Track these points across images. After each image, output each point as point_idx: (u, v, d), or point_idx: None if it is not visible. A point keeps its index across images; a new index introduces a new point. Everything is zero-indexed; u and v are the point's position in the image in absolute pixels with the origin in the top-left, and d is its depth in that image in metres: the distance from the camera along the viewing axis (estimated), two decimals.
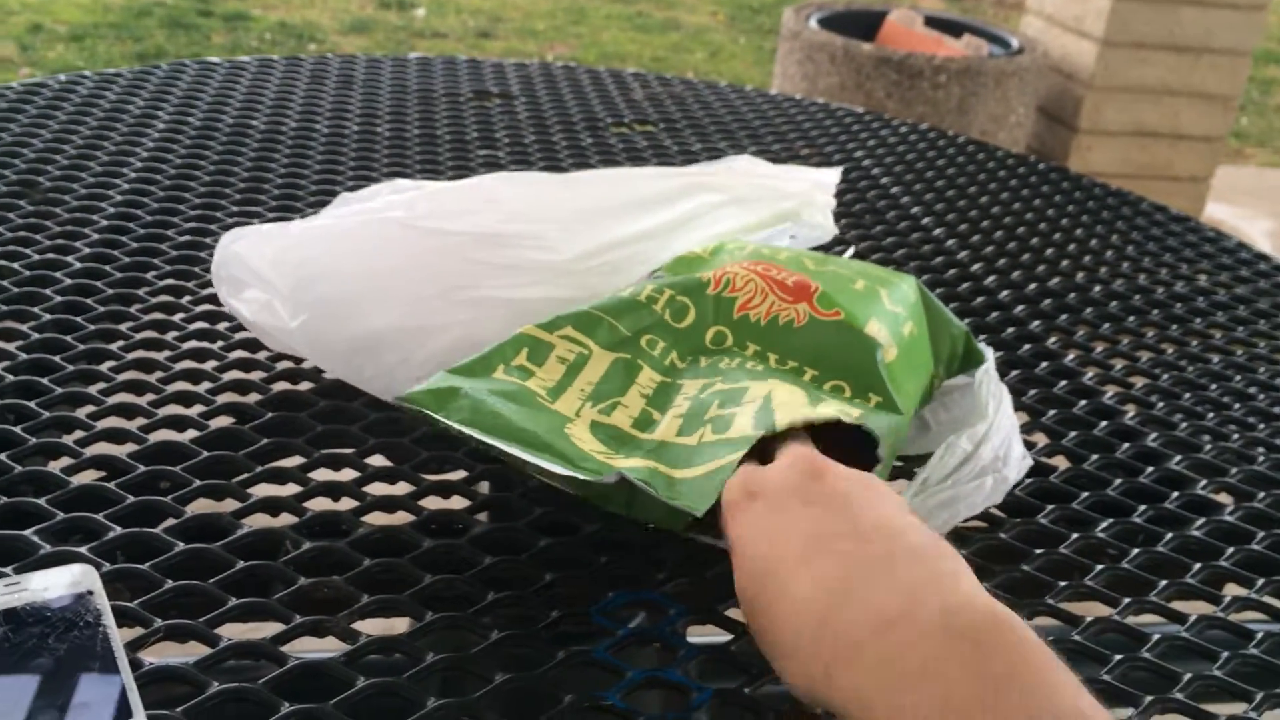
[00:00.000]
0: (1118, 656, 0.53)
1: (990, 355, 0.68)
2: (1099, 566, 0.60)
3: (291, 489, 0.59)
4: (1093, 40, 2.90)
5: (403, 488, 0.60)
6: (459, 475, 0.62)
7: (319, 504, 0.58)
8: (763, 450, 0.50)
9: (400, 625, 0.52)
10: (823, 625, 0.40)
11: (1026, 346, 0.82)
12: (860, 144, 1.24)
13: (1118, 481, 0.68)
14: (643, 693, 0.48)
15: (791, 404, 0.52)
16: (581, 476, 0.48)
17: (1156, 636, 0.56)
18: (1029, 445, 0.68)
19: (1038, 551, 0.60)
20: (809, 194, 0.72)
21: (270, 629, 0.50)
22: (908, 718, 0.36)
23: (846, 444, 0.52)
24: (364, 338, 0.60)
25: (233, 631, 0.50)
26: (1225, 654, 0.55)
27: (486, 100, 1.25)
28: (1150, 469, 0.70)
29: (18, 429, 0.60)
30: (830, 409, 0.52)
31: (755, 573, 0.44)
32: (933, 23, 2.99)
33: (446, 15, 4.95)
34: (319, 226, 0.66)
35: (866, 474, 0.47)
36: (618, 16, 5.19)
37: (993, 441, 0.58)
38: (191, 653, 0.48)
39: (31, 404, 0.62)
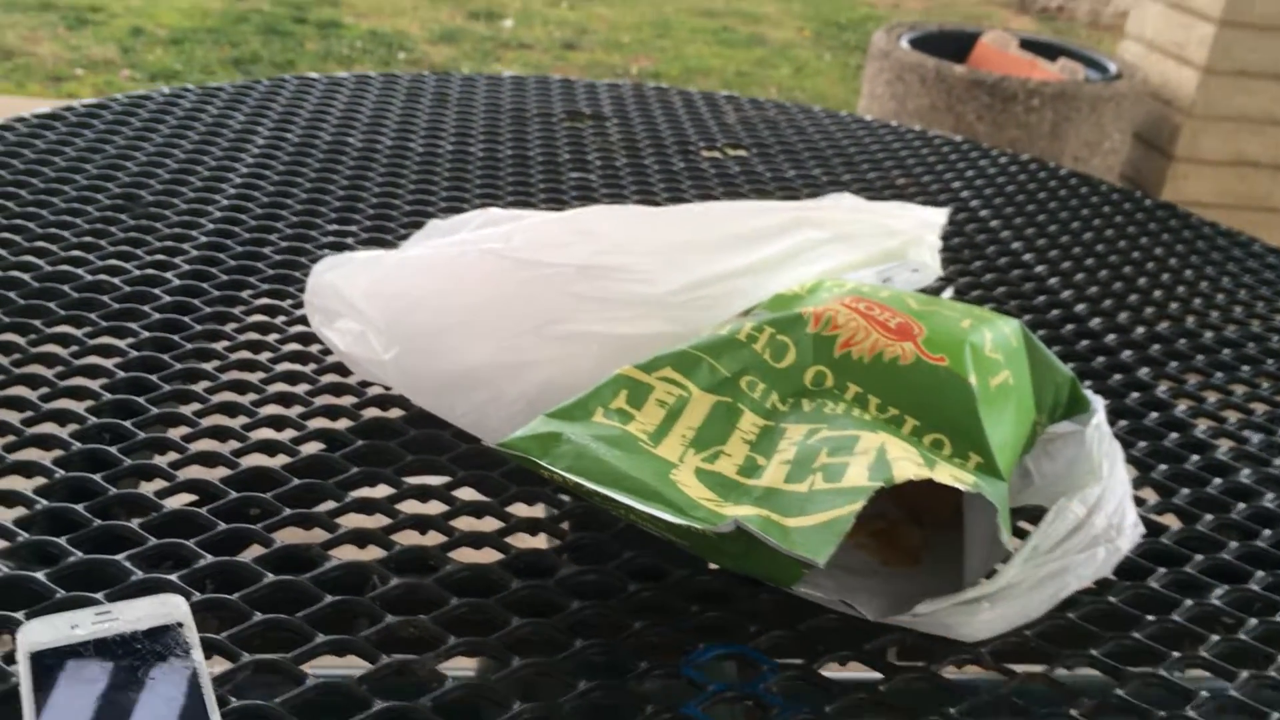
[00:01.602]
0: None
1: (1099, 405, 0.65)
2: (1214, 637, 0.57)
3: (379, 520, 0.58)
4: (1194, 67, 2.81)
5: (490, 523, 0.59)
6: (547, 512, 0.61)
7: (407, 538, 0.57)
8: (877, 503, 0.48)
9: (485, 664, 0.51)
10: None
11: (1134, 395, 0.79)
12: (958, 174, 1.21)
13: (1233, 544, 0.65)
14: None
15: (907, 460, 0.50)
16: (696, 526, 0.47)
17: (1276, 717, 0.52)
18: (1138, 501, 0.65)
19: (1149, 618, 0.57)
20: (915, 233, 0.70)
21: (355, 666, 0.49)
22: None
23: (936, 493, 0.51)
24: (456, 373, 0.60)
25: (318, 666, 0.49)
26: None
27: (579, 121, 1.24)
28: (1268, 531, 0.66)
29: (113, 449, 0.61)
30: (945, 474, 0.50)
31: None
32: (1028, 45, 2.93)
33: (533, 26, 4.99)
34: (414, 257, 0.65)
35: None
36: (703, 30, 5.19)
37: (1106, 508, 0.55)
38: (277, 690, 0.47)
39: (128, 424, 0.63)
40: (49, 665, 0.45)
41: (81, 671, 0.45)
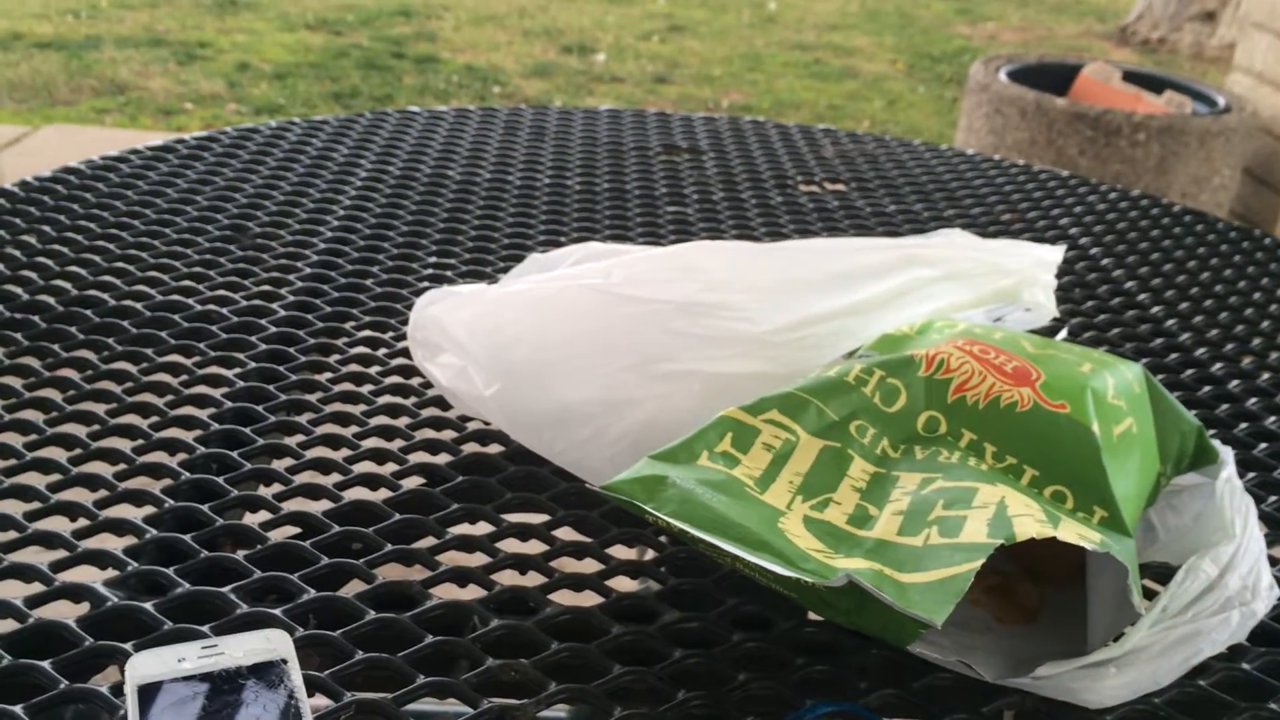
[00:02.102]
0: None
1: (1228, 456, 0.61)
2: None
3: (480, 559, 0.57)
4: None
5: (590, 565, 0.58)
6: (643, 554, 0.60)
7: (507, 577, 0.57)
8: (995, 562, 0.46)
9: (585, 713, 0.50)
10: None
11: (1263, 445, 0.75)
12: (1065, 210, 1.18)
13: None
14: None
15: (1029, 517, 0.48)
16: (806, 579, 0.45)
17: None
18: (1271, 561, 0.61)
19: None
20: (1030, 272, 0.67)
21: (455, 709, 0.48)
22: None
23: (1054, 549, 0.48)
24: (557, 410, 0.59)
25: (419, 707, 0.49)
26: None
27: (675, 155, 1.24)
28: None
29: (220, 479, 0.61)
30: (1070, 532, 0.47)
31: None
32: (1131, 77, 2.86)
33: (625, 60, 5.04)
34: (515, 292, 0.65)
35: None
36: (794, 64, 5.18)
37: (1240, 568, 0.52)
38: None
39: (234, 454, 0.63)
40: (155, 698, 0.45)
41: (187, 705, 0.45)
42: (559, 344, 0.62)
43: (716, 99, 4.56)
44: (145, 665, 0.46)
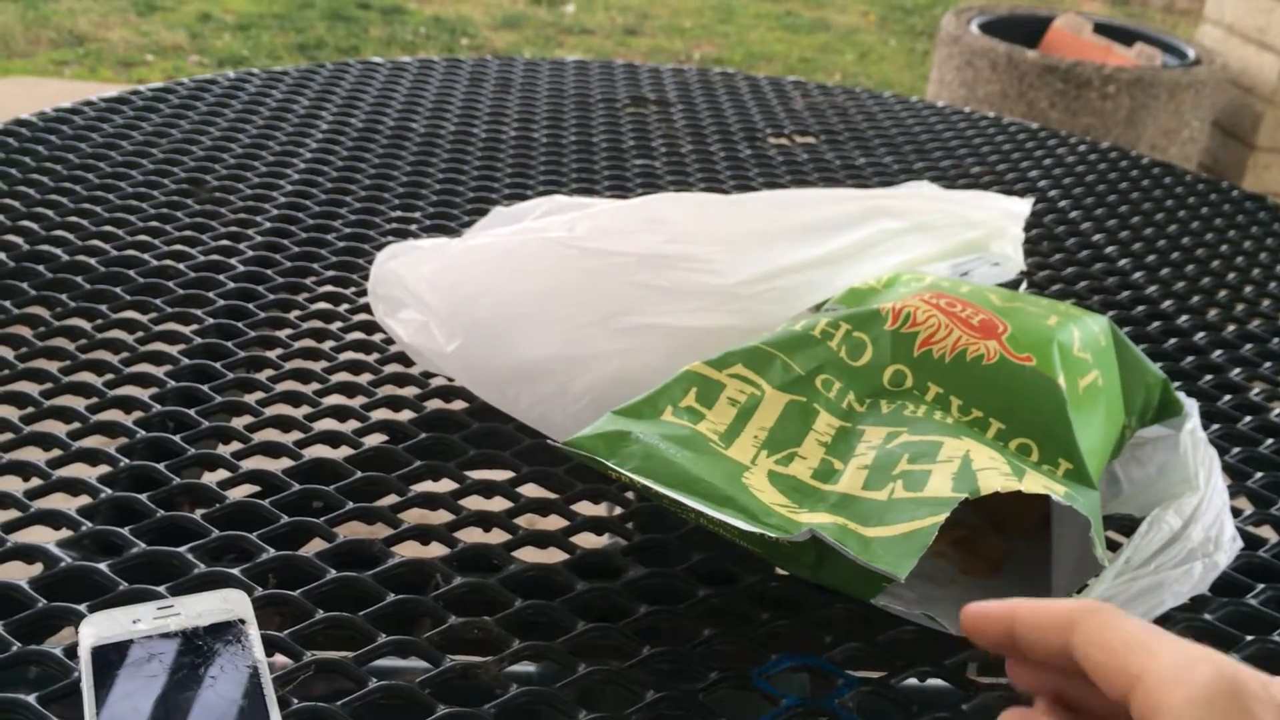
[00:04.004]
0: None
1: (1193, 408, 0.61)
2: None
3: (443, 516, 0.57)
4: (1276, 53, 2.72)
5: (555, 521, 0.58)
6: (610, 511, 0.60)
7: (470, 535, 0.56)
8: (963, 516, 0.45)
9: (549, 670, 0.49)
10: None
11: (1227, 397, 0.75)
12: (1035, 162, 1.17)
13: None
14: None
15: (993, 470, 0.47)
16: (769, 534, 0.45)
17: None
18: (1233, 512, 0.61)
19: (1248, 638, 0.54)
20: (997, 224, 0.67)
21: (417, 668, 0.48)
22: None
23: (1019, 500, 0.48)
24: (520, 366, 0.58)
25: (381, 665, 0.48)
26: None
27: (643, 107, 1.22)
28: None
29: (177, 438, 0.60)
30: (1035, 483, 0.47)
31: None
32: (1102, 30, 2.85)
33: (595, 11, 4.97)
34: (477, 246, 0.64)
35: None
36: (766, 15, 5.13)
37: (1204, 520, 0.52)
38: (339, 690, 0.46)
39: (191, 412, 0.62)
40: (110, 660, 0.44)
41: (142, 667, 0.44)
42: (521, 299, 0.61)
43: (688, 51, 4.52)
44: (99, 627, 0.46)
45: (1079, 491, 0.50)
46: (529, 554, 0.55)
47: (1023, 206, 0.70)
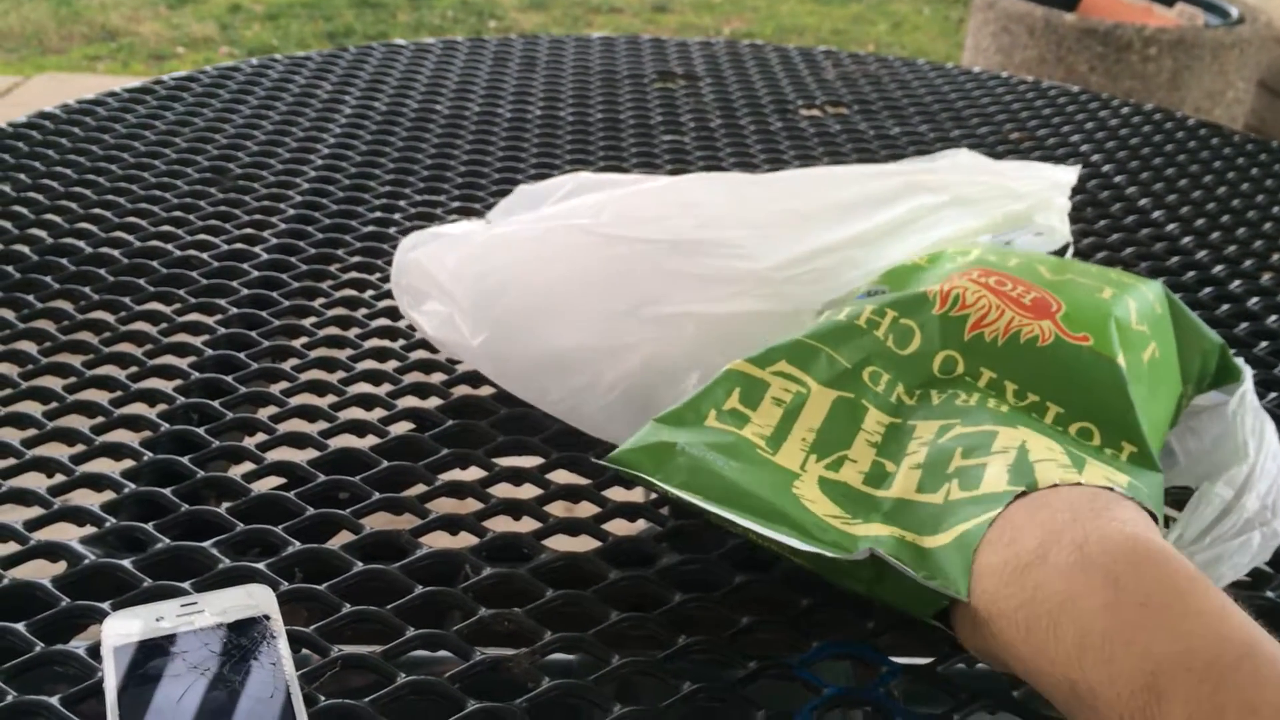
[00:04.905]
0: None
1: (1248, 374, 0.59)
2: None
3: (471, 505, 0.55)
4: None
5: (586, 508, 0.56)
6: (646, 498, 0.58)
7: (499, 523, 0.55)
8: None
9: (582, 661, 0.48)
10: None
11: None
12: (1077, 126, 1.14)
13: None
14: None
15: (1051, 462, 0.45)
16: (828, 554, 0.42)
17: None
18: None
19: None
20: (1043, 195, 0.64)
21: (447, 662, 0.46)
22: (1048, 657, 0.36)
23: None
24: (549, 358, 0.56)
25: (410, 661, 0.47)
26: None
27: (671, 82, 1.20)
28: None
29: (201, 430, 0.59)
30: (1096, 475, 0.44)
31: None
32: None
33: None
34: (501, 235, 0.62)
35: (1131, 545, 0.39)
36: None
37: (1258, 488, 0.50)
38: (367, 686, 0.45)
39: (215, 404, 0.61)
40: (133, 659, 0.43)
41: (166, 666, 0.43)
42: (548, 289, 0.59)
43: (717, 27, 4.47)
44: (122, 625, 0.45)
45: (1142, 477, 0.47)
46: (560, 542, 0.54)
47: (1069, 175, 0.67)
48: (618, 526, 0.55)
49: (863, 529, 0.44)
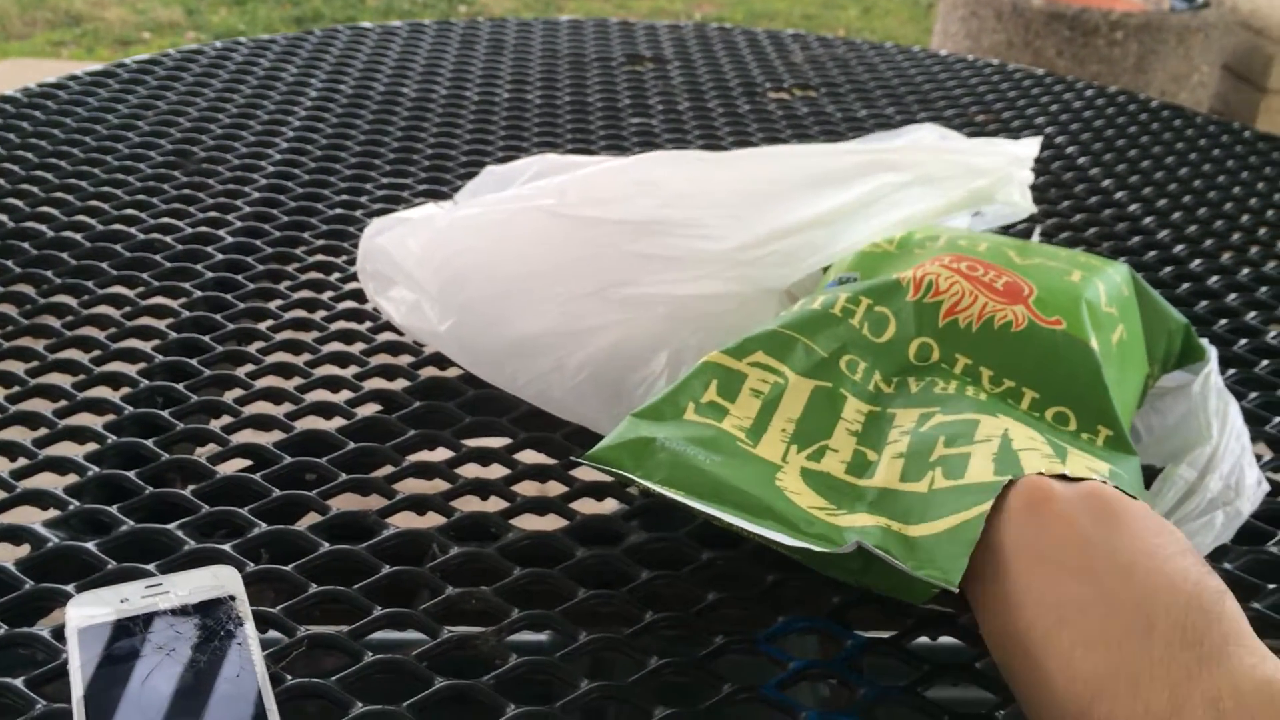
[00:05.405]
0: None
1: (1213, 354, 0.60)
2: None
3: (438, 485, 0.55)
4: None
5: (554, 488, 0.56)
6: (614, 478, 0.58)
7: (467, 503, 0.55)
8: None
9: (549, 639, 0.48)
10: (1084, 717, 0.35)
11: (1243, 342, 0.73)
12: (1041, 109, 1.15)
13: None
14: None
15: (1034, 451, 0.45)
16: (815, 549, 0.42)
17: None
18: (1257, 458, 0.59)
19: (1270, 586, 0.52)
20: (1005, 170, 0.64)
21: (414, 640, 0.46)
22: None
23: None
24: (516, 342, 0.56)
25: (377, 639, 0.47)
26: None
27: (639, 65, 1.20)
28: None
29: (166, 413, 0.59)
30: (1079, 465, 0.44)
31: (1003, 644, 0.40)
32: None
33: None
34: (466, 217, 0.62)
35: (1102, 494, 0.40)
36: None
37: (1221, 468, 0.51)
38: (334, 665, 0.45)
39: (180, 386, 0.61)
40: (98, 640, 0.43)
41: (130, 647, 0.43)
42: (514, 273, 0.59)
43: (688, 11, 4.46)
44: (86, 607, 0.44)
45: (1121, 463, 0.47)
46: (528, 521, 0.54)
47: (1030, 149, 0.68)
48: (586, 505, 0.55)
49: (848, 519, 0.44)
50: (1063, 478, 0.42)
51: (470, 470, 0.57)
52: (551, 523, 0.54)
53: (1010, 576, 0.39)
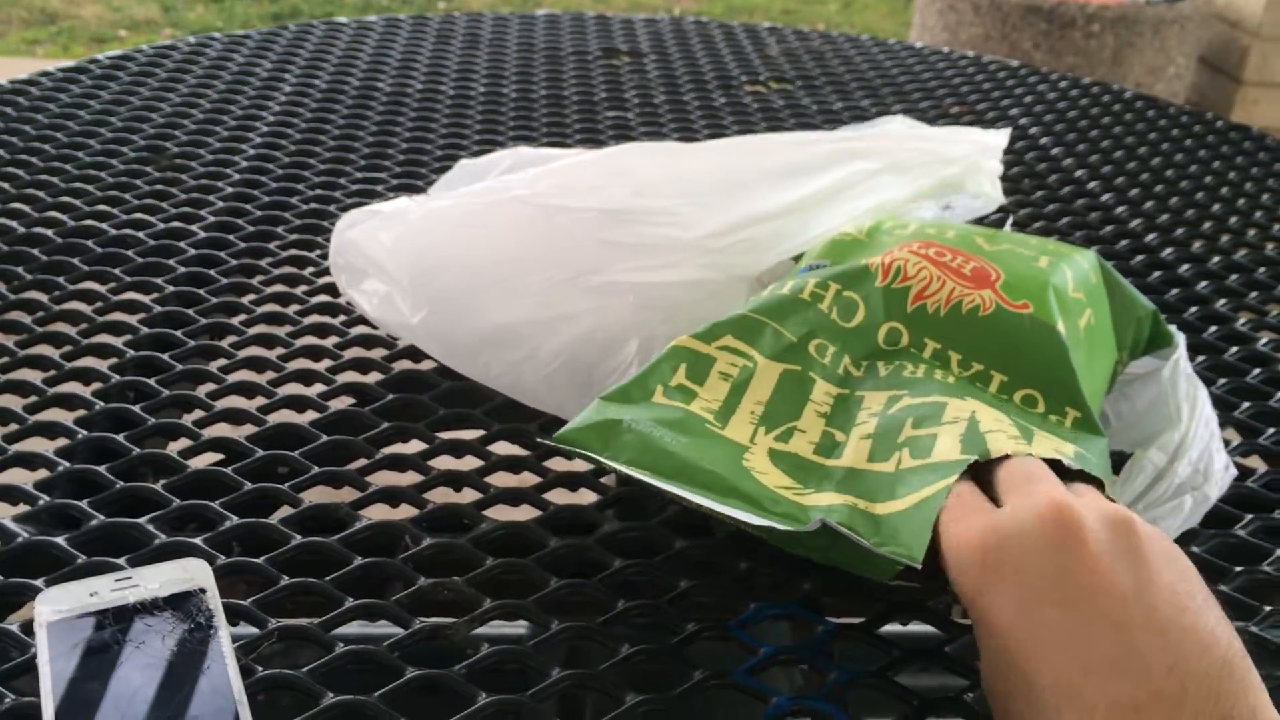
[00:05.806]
0: None
1: (1181, 341, 0.60)
2: None
3: (412, 478, 0.55)
4: None
5: (527, 479, 0.56)
6: (587, 468, 0.58)
7: (440, 495, 0.55)
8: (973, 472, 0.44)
9: (522, 628, 0.48)
10: None
11: (1213, 329, 0.74)
12: (1016, 100, 1.15)
13: None
14: None
15: (1001, 433, 0.45)
16: (780, 527, 0.43)
17: None
18: (1224, 444, 0.60)
19: (1237, 569, 0.53)
20: (974, 159, 0.65)
21: (386, 632, 0.46)
22: None
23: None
24: (489, 333, 0.56)
25: (349, 631, 0.47)
26: None
27: (615, 59, 1.20)
28: None
29: (137, 408, 0.58)
30: (1045, 446, 0.45)
31: (1001, 668, 0.38)
32: None
33: None
34: (438, 209, 0.62)
35: (1131, 528, 0.38)
36: None
37: (1190, 453, 0.51)
38: (305, 657, 0.45)
39: (152, 381, 0.61)
40: (67, 634, 0.43)
41: (99, 640, 0.43)
42: (486, 263, 0.59)
43: (668, 7, 4.46)
44: (55, 601, 0.44)
45: (1087, 444, 0.48)
46: (501, 512, 0.54)
47: (999, 139, 0.68)
48: (559, 496, 0.55)
49: (814, 498, 0.44)
50: (1065, 473, 0.42)
51: (444, 463, 0.57)
52: (525, 514, 0.54)
53: (1036, 607, 0.37)
